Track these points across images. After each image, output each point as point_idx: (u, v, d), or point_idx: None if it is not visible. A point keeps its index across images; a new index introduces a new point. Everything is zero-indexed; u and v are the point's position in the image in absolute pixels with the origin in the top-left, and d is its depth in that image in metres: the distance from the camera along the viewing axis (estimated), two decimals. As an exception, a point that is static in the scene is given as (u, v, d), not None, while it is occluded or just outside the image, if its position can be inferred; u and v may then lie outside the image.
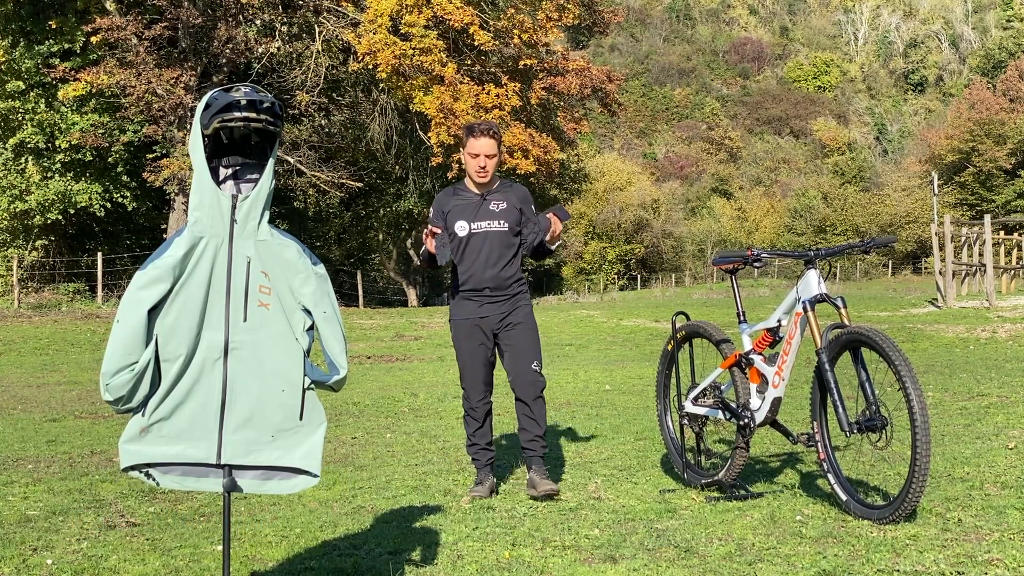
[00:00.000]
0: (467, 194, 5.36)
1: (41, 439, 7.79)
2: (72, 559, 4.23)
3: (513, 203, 5.33)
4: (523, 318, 5.32)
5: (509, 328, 5.29)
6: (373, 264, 43.59)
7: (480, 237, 5.27)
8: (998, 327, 15.00)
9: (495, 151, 5.30)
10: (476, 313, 5.29)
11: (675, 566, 3.85)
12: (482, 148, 5.26)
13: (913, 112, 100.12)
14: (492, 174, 5.33)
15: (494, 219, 5.28)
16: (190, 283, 3.11)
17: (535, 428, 5.27)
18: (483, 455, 5.39)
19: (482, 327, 5.29)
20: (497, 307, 5.29)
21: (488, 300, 5.29)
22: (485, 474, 5.35)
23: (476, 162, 5.27)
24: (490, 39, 23.56)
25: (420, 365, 13.67)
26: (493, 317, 5.29)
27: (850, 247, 4.86)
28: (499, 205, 5.31)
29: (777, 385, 4.84)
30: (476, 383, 5.35)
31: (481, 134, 5.26)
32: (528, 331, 5.31)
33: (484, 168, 5.26)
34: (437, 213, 5.38)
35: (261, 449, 3.19)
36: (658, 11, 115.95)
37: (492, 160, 5.29)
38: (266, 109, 3.07)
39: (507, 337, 5.29)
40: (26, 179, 25.84)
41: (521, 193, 5.43)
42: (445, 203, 5.37)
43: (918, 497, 4.12)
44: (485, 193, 5.33)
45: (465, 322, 5.32)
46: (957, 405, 7.59)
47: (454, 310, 5.40)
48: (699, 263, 62.44)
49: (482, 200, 5.31)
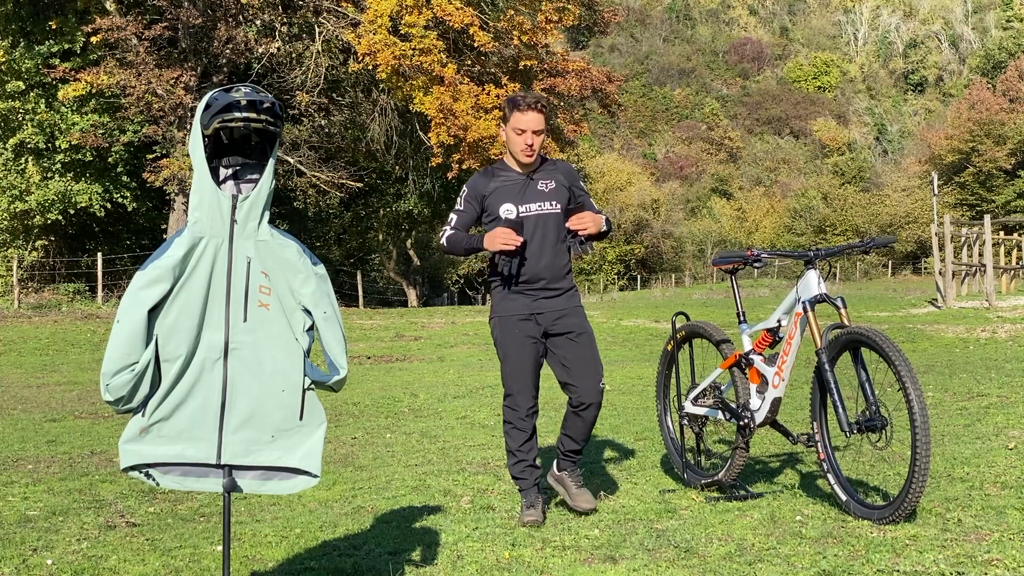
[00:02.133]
0: (509, 174, 4.71)
1: (41, 439, 7.79)
2: (72, 559, 4.23)
3: (561, 181, 4.72)
4: (582, 325, 4.74)
5: (574, 336, 4.70)
6: (373, 264, 43.60)
7: (531, 221, 4.63)
8: (998, 327, 14.99)
9: (543, 126, 4.64)
10: (530, 308, 4.66)
11: (675, 566, 3.85)
12: (529, 123, 4.59)
13: (913, 112, 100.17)
14: (537, 153, 4.69)
15: (544, 200, 4.67)
16: (190, 283, 3.11)
17: (583, 439, 4.83)
18: (531, 474, 4.73)
19: (538, 324, 4.69)
20: (553, 302, 4.70)
21: (545, 294, 4.68)
22: (535, 496, 4.71)
23: (522, 139, 4.60)
24: (490, 40, 23.56)
25: (420, 365, 13.67)
26: (549, 314, 4.68)
27: (850, 247, 4.86)
28: (547, 185, 4.69)
29: (777, 385, 4.84)
30: (526, 388, 4.69)
31: (528, 107, 4.60)
32: (591, 342, 4.75)
33: (531, 146, 4.60)
34: (472, 196, 4.71)
35: (261, 449, 3.20)
36: (658, 11, 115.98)
37: (539, 138, 4.63)
38: (266, 109, 3.07)
39: (572, 348, 4.70)
40: (26, 179, 25.85)
41: (566, 169, 4.82)
42: (483, 185, 4.70)
43: (918, 497, 4.12)
44: (530, 172, 4.71)
45: (514, 319, 4.68)
46: (957, 405, 7.59)
47: (500, 307, 4.73)
48: (699, 263, 62.47)
49: (528, 180, 4.68)
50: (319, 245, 36.04)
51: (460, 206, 4.73)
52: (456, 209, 4.74)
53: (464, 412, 8.73)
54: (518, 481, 4.77)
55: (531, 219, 4.63)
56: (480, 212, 4.71)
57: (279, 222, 29.90)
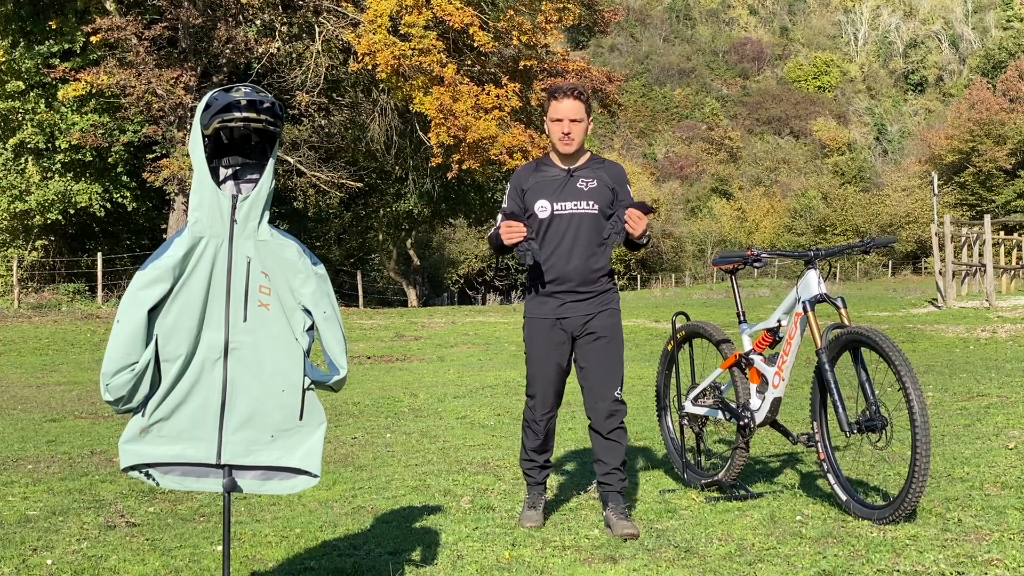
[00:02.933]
0: (552, 169, 4.59)
1: (41, 439, 7.79)
2: (72, 559, 4.23)
3: (605, 182, 4.56)
4: (610, 330, 4.56)
5: (593, 339, 4.55)
6: (373, 264, 43.60)
7: (564, 220, 4.50)
8: (998, 327, 14.99)
9: (581, 115, 4.51)
10: (556, 312, 4.54)
11: (675, 566, 3.85)
12: (566, 111, 4.50)
13: (913, 112, 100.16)
14: (580, 143, 4.53)
15: (582, 199, 4.51)
16: (190, 283, 3.11)
17: (613, 460, 4.56)
18: (538, 473, 4.72)
19: (563, 328, 4.56)
20: (582, 306, 4.54)
21: (572, 298, 4.53)
22: (538, 495, 4.69)
23: (559, 128, 4.50)
24: (490, 40, 23.55)
25: (420, 365, 13.67)
26: (576, 318, 4.54)
27: (850, 247, 4.86)
28: (588, 183, 4.53)
29: (777, 385, 4.84)
30: (547, 393, 4.62)
31: (564, 96, 4.51)
32: (614, 349, 4.57)
33: (569, 135, 4.49)
34: (515, 191, 4.62)
35: (261, 449, 3.20)
36: (658, 11, 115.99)
37: (578, 126, 4.50)
38: (266, 109, 3.07)
39: (589, 351, 4.55)
40: (26, 179, 25.85)
41: (615, 172, 4.63)
42: (524, 179, 4.61)
43: (918, 497, 4.12)
44: (572, 169, 4.57)
45: (543, 322, 4.57)
46: (957, 405, 7.59)
47: (530, 307, 4.63)
48: (699, 263, 62.47)
49: (568, 176, 4.55)
50: (319, 245, 36.05)
51: (504, 203, 4.65)
52: (502, 207, 4.64)
53: (464, 412, 8.73)
54: (525, 476, 4.75)
55: (564, 218, 4.50)
56: (523, 206, 4.59)
57: (279, 222, 29.91)
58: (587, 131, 4.57)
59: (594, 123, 4.57)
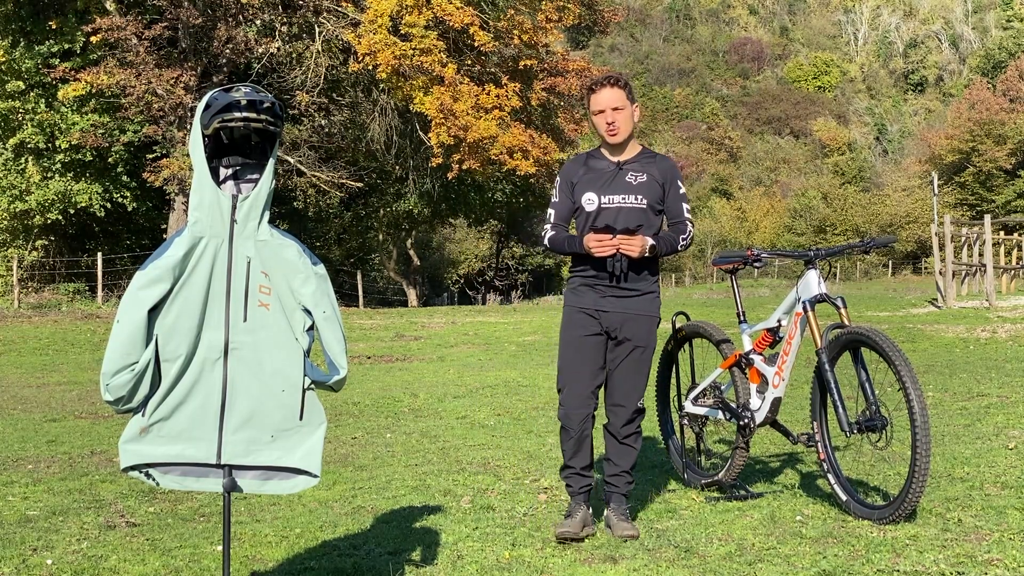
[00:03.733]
0: (601, 162, 4.46)
1: (41, 439, 7.79)
2: (72, 559, 4.23)
3: (655, 177, 4.43)
4: (645, 339, 4.44)
5: (630, 348, 4.42)
6: (373, 264, 43.60)
7: (611, 213, 4.37)
8: (998, 327, 14.99)
9: (623, 102, 4.37)
10: (596, 304, 4.40)
11: (675, 566, 3.85)
12: (606, 101, 4.36)
13: (913, 112, 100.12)
14: (627, 132, 4.40)
15: (630, 193, 4.38)
16: (190, 283, 3.11)
17: (624, 463, 4.50)
18: (577, 481, 4.48)
19: (601, 322, 4.41)
20: (622, 303, 4.40)
21: (614, 292, 4.40)
22: (577, 504, 4.44)
23: (603, 119, 4.37)
24: (490, 40, 23.56)
25: (420, 365, 13.67)
26: (614, 314, 4.39)
27: (850, 247, 4.86)
28: (637, 177, 4.41)
29: (777, 385, 4.84)
30: (576, 386, 4.41)
31: (601, 86, 4.39)
32: (645, 359, 4.45)
33: (613, 124, 4.35)
34: (565, 185, 4.49)
35: (261, 449, 3.20)
36: (658, 11, 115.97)
37: (621, 113, 4.36)
38: (266, 109, 3.07)
39: (623, 358, 4.43)
40: (26, 179, 25.85)
41: (666, 167, 4.48)
42: (573, 172, 4.48)
43: (918, 497, 4.12)
44: (622, 162, 4.44)
45: (581, 312, 4.43)
46: (957, 405, 7.59)
47: (569, 297, 4.51)
48: (699, 263, 62.43)
49: (618, 170, 4.42)
50: (319, 245, 36.05)
51: (555, 197, 4.52)
52: (552, 202, 4.52)
53: (464, 412, 8.73)
54: (566, 488, 4.56)
55: (611, 211, 4.38)
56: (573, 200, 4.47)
57: (279, 222, 29.91)
58: (634, 117, 4.43)
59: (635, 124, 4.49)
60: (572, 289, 4.51)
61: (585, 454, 4.46)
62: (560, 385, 4.47)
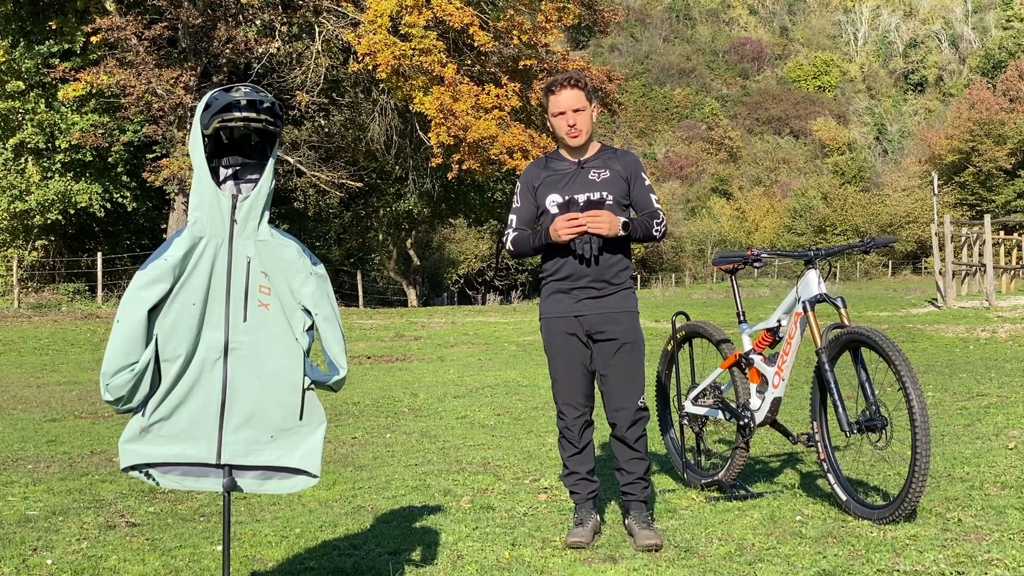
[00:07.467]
0: (561, 163, 4.39)
1: (41, 439, 7.79)
2: (72, 559, 4.23)
3: (618, 172, 4.34)
4: (630, 334, 4.34)
5: (616, 347, 4.32)
6: (373, 264, 43.61)
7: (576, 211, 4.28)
8: (998, 327, 14.99)
9: (583, 103, 4.27)
10: (572, 310, 4.32)
11: (675, 566, 3.85)
12: (566, 103, 4.27)
13: (913, 112, 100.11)
14: (588, 133, 4.32)
15: (594, 190, 4.30)
16: (190, 283, 3.11)
17: (638, 470, 4.39)
18: (583, 487, 4.41)
19: (580, 326, 4.33)
20: (599, 303, 4.31)
21: (588, 293, 4.30)
22: (587, 512, 4.37)
23: (563, 121, 4.28)
24: (490, 40, 23.56)
25: (420, 365, 13.67)
26: (592, 316, 4.31)
27: (850, 247, 4.86)
28: (600, 174, 4.32)
29: (777, 385, 4.84)
30: (574, 397, 4.37)
31: (561, 87, 4.28)
32: (635, 355, 4.35)
33: (575, 126, 4.27)
34: (526, 189, 4.41)
35: (261, 449, 3.20)
36: (658, 11, 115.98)
37: (582, 115, 4.27)
38: (266, 109, 3.07)
39: (611, 358, 4.33)
40: (26, 179, 25.85)
41: (628, 161, 4.40)
42: (535, 176, 4.40)
43: (918, 497, 4.12)
44: (583, 161, 4.36)
45: (559, 321, 4.35)
46: (957, 405, 7.59)
47: (545, 307, 4.41)
48: (699, 263, 62.45)
49: (579, 169, 4.35)
50: (319, 245, 36.05)
51: (517, 202, 4.44)
52: (514, 207, 4.45)
53: (464, 412, 8.73)
54: (571, 494, 4.47)
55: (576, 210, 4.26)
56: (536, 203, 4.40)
57: (279, 222, 29.90)
58: (593, 118, 4.34)
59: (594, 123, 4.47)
60: (546, 298, 4.41)
61: (588, 457, 4.41)
62: (557, 397, 4.42)
